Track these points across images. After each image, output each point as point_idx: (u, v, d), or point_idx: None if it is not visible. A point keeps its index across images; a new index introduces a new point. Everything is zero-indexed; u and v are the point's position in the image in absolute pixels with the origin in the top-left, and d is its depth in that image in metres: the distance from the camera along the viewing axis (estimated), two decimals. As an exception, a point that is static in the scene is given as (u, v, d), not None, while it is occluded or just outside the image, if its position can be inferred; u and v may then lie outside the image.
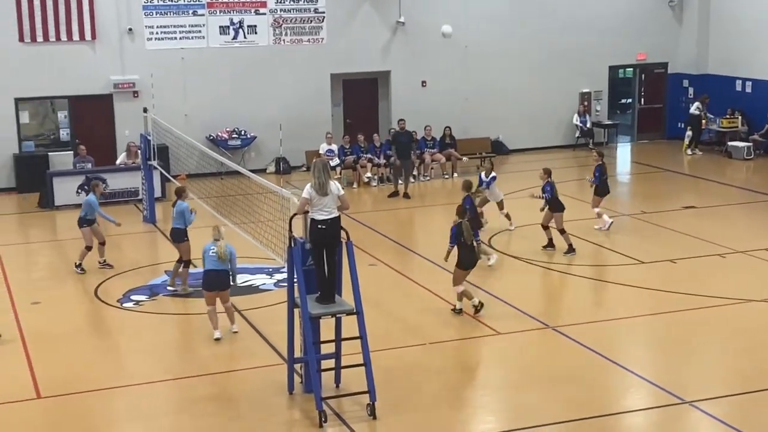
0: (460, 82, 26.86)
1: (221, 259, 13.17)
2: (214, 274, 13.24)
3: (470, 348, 13.23)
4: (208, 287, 13.29)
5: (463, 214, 14.32)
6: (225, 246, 13.27)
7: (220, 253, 13.14)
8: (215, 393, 11.58)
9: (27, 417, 11.07)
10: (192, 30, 24.95)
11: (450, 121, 25.75)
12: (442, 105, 26.46)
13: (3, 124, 23.79)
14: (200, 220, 19.45)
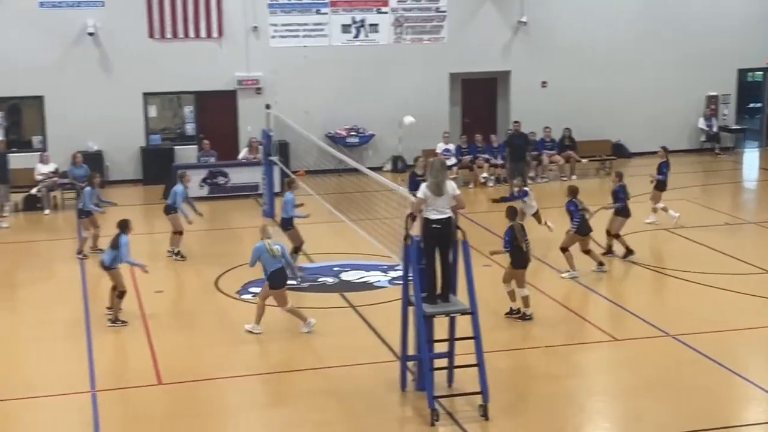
0: (582, 83, 26.47)
1: (275, 256, 13.28)
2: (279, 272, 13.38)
3: (586, 353, 13.03)
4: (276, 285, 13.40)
5: (513, 216, 14.12)
6: (273, 244, 13.33)
7: (274, 251, 13.25)
8: (328, 387, 11.70)
9: (149, 402, 11.42)
10: (315, 28, 25.31)
11: (570, 123, 25.41)
12: (563, 106, 26.11)
13: (132, 117, 24.59)
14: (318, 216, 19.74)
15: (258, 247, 13.39)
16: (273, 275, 13.38)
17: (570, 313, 14.42)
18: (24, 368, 12.61)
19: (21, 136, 24.64)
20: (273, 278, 13.39)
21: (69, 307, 14.93)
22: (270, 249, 13.28)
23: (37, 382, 11.99)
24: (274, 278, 13.39)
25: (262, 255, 13.34)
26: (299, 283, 15.66)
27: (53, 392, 11.60)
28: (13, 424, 10.86)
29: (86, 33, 23.80)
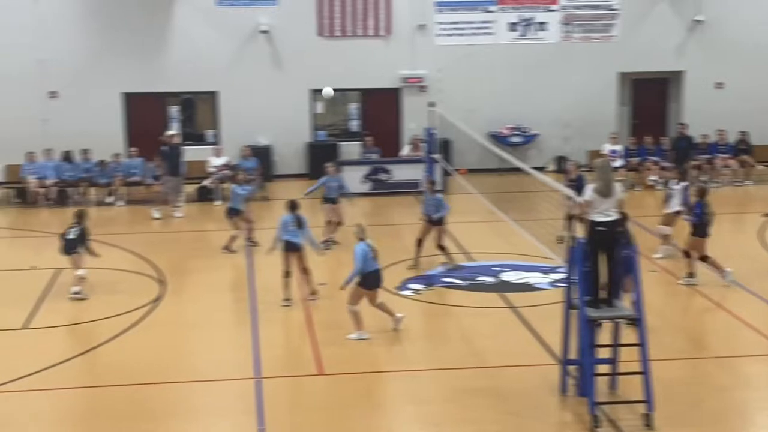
0: (761, 85, 25.29)
1: (376, 257, 13.11)
2: (373, 275, 13.18)
3: (756, 365, 12.45)
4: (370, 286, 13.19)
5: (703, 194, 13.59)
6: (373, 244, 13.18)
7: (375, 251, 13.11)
8: (487, 386, 11.63)
9: (310, 391, 11.66)
10: (482, 26, 25.23)
11: (747, 126, 24.39)
12: (739, 108, 25.03)
13: (299, 113, 25.18)
14: (479, 215, 19.69)
15: (362, 249, 13.13)
16: (370, 276, 13.17)
17: (738, 322, 13.83)
18: (191, 353, 13.09)
19: (195, 129, 25.63)
20: (370, 279, 13.16)
21: (236, 295, 15.43)
22: (373, 249, 13.16)
23: (204, 366, 12.43)
24: (371, 279, 13.17)
25: (364, 255, 13.05)
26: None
27: (218, 377, 11.99)
28: (178, 406, 11.29)
29: (259, 31, 24.53)
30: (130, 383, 11.76)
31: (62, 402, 11.33)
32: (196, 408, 11.22)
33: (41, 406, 11.22)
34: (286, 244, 14.70)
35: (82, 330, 13.71)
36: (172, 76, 24.58)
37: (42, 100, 24.23)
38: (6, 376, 11.82)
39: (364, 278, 13.10)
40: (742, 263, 16.16)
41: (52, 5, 24.07)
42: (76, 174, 22.91)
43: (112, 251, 18.10)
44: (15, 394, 11.47)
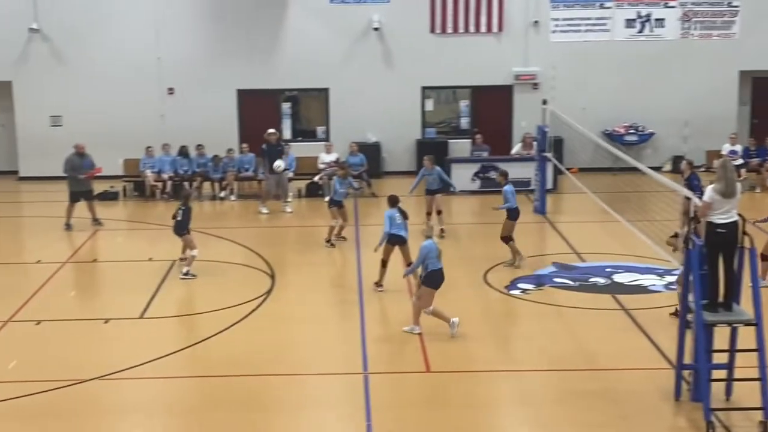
0: None
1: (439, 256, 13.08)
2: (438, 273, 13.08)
3: None
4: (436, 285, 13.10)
5: None
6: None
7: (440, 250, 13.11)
8: (599, 389, 11.41)
9: (416, 388, 11.63)
10: (597, 23, 24.82)
11: None
12: None
13: (410, 110, 25.23)
14: (591, 215, 19.36)
15: (428, 246, 13.12)
16: (435, 274, 13.08)
17: None
18: (300, 346, 13.23)
19: (306, 126, 25.93)
20: (433, 278, 13.07)
21: (344, 290, 15.54)
22: (438, 248, 13.13)
23: (312, 359, 12.54)
24: (434, 278, 13.08)
25: (429, 253, 13.05)
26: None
27: (326, 371, 12.08)
28: (287, 398, 11.41)
29: (371, 28, 24.65)
30: (240, 374, 11.96)
31: (174, 391, 11.59)
32: (305, 400, 11.32)
33: (153, 394, 11.51)
34: (392, 237, 14.99)
35: (195, 320, 14.02)
36: (285, 73, 24.94)
37: (160, 96, 24.92)
38: (122, 364, 12.16)
39: (428, 276, 13.07)
40: None
41: (171, 6, 24.71)
42: (191, 168, 23.45)
43: (225, 244, 18.48)
44: (129, 381, 11.79)
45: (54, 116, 25.03)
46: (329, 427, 10.75)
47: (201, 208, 22.48)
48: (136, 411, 11.05)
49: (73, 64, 24.80)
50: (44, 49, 24.77)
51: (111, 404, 11.18)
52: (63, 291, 15.61)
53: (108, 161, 24.31)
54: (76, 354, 12.72)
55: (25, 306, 14.69)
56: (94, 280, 16.31)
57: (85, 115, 24.84)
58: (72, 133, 24.80)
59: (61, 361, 12.42)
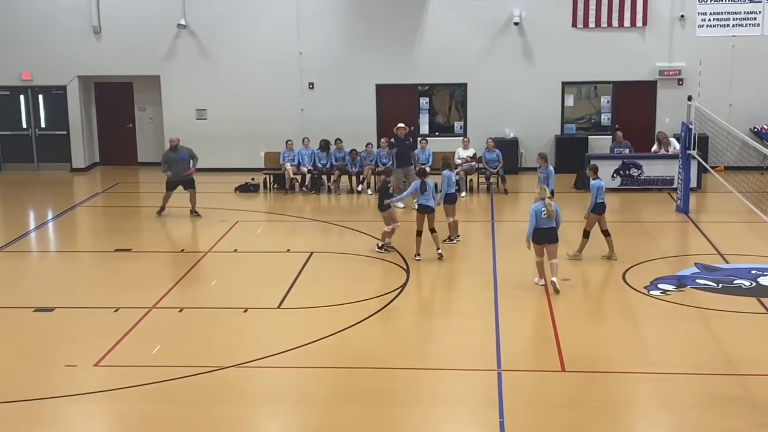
0: None
1: (550, 217, 14.75)
2: (542, 231, 14.80)
3: None
4: (538, 242, 14.88)
5: None
6: (552, 206, 14.83)
7: (549, 212, 14.74)
8: (740, 394, 11.02)
9: (550, 387, 11.48)
10: (746, 17, 23.91)
11: None
12: None
13: (549, 106, 24.91)
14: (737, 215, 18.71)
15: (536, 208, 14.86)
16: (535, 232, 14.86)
17: None
18: (434, 340, 13.25)
19: (444, 121, 25.93)
20: (540, 235, 14.87)
21: (478, 285, 15.46)
22: (547, 209, 14.80)
23: (446, 355, 12.54)
24: (541, 235, 14.87)
25: (537, 214, 14.81)
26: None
27: (461, 366, 12.06)
28: (420, 392, 11.43)
29: (512, 22, 24.45)
30: (373, 366, 12.07)
31: (308, 381, 11.77)
32: (438, 395, 11.33)
33: (288, 383, 11.72)
34: (420, 207, 16.80)
35: (331, 312, 14.20)
36: (423, 67, 25.01)
37: (300, 91, 25.38)
38: (260, 353, 12.45)
39: (536, 234, 14.87)
40: None
41: (313, 1, 25.10)
42: (329, 162, 23.79)
43: (361, 238, 18.67)
44: (265, 370, 12.05)
45: (199, 110, 25.82)
46: (461, 423, 10.72)
47: (338, 201, 22.80)
48: (271, 399, 11.30)
49: (217, 59, 25.53)
50: (191, 44, 25.57)
51: (248, 391, 11.45)
52: (205, 280, 16.10)
53: (250, 154, 25.03)
54: (216, 341, 13.10)
55: (168, 293, 15.22)
56: (234, 270, 16.74)
57: (228, 108, 25.55)
58: (216, 126, 25.65)
59: (201, 348, 12.81)
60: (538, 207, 14.86)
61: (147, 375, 11.74)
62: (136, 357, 12.46)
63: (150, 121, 26.86)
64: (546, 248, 14.95)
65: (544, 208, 14.80)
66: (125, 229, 20.10)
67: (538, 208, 14.84)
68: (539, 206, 14.86)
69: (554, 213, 14.88)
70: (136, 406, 11.07)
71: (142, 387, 11.45)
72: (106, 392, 11.36)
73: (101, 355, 12.47)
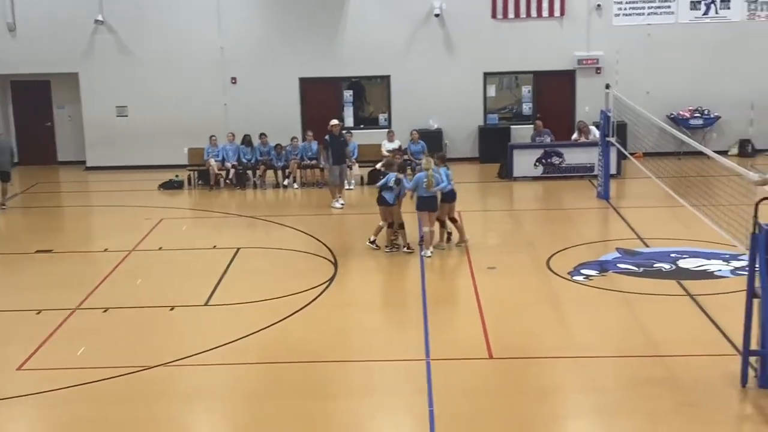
0: None
1: (429, 187, 15.99)
2: (424, 199, 16.08)
3: None
4: (421, 208, 16.18)
5: None
6: (434, 177, 16.02)
7: (429, 182, 15.94)
8: (663, 376, 11.28)
9: (479, 374, 11.62)
10: (661, 5, 24.43)
11: None
12: None
13: (472, 97, 25.13)
14: (656, 200, 19.12)
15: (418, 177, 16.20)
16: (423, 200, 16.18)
17: None
18: (363, 332, 13.29)
19: (367, 113, 25.98)
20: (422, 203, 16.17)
21: (405, 276, 15.57)
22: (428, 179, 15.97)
23: (376, 346, 12.60)
24: (423, 203, 16.15)
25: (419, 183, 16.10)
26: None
27: (390, 357, 12.13)
28: (350, 385, 11.48)
29: (433, 14, 24.59)
30: (304, 360, 12.06)
31: (238, 377, 11.73)
32: (367, 387, 11.38)
33: (217, 381, 11.66)
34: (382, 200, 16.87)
35: (259, 307, 14.16)
36: (346, 60, 25.02)
37: (223, 86, 25.18)
38: (187, 351, 12.35)
39: (419, 202, 16.20)
40: None
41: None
42: (254, 157, 23.66)
43: (288, 232, 18.63)
44: (194, 368, 11.97)
45: (120, 107, 25.44)
46: (391, 413, 10.79)
47: (264, 196, 22.70)
48: (200, 397, 11.23)
49: (137, 55, 25.18)
50: (109, 40, 25.18)
51: (176, 390, 11.36)
52: (130, 279, 15.90)
53: (173, 150, 24.75)
54: (142, 341, 12.96)
55: (92, 294, 15.00)
56: (159, 268, 16.57)
57: (149, 105, 25.23)
58: (137, 123, 25.31)
59: (127, 348, 12.66)
60: (420, 176, 16.21)
61: (73, 377, 11.57)
62: (61, 359, 12.26)
63: (69, 119, 26.39)
64: (429, 216, 16.21)
65: (426, 179, 15.99)
66: (46, 229, 19.74)
67: (419, 177, 16.20)
68: (422, 176, 16.15)
69: (435, 183, 16.03)
70: (63, 408, 10.90)
71: (67, 389, 11.28)
72: (31, 396, 11.16)
73: (24, 358, 12.25)
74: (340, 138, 21.33)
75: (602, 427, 10.31)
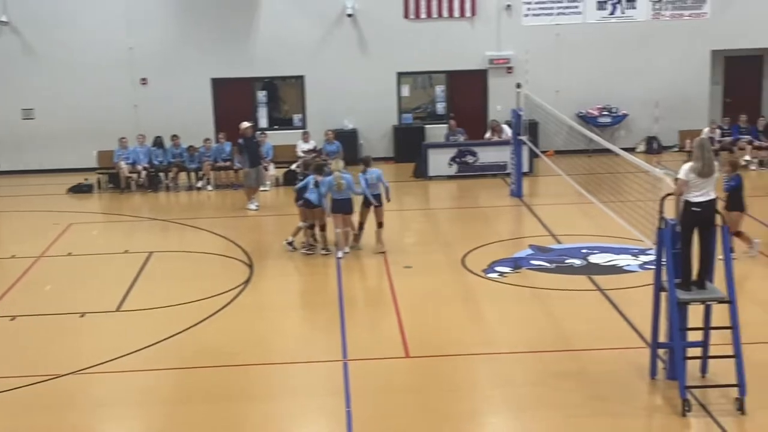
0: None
1: (340, 189, 16.04)
2: (336, 202, 16.21)
3: None
4: (334, 211, 16.25)
5: None
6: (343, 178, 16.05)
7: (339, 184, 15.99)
8: (574, 369, 11.49)
9: (395, 373, 11.66)
10: (569, 5, 24.86)
11: None
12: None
13: (386, 96, 25.20)
14: (567, 197, 19.45)
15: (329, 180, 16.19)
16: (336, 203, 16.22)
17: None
18: (280, 335, 13.23)
19: (282, 114, 25.86)
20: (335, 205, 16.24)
21: (323, 278, 15.55)
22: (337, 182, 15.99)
23: (292, 348, 12.55)
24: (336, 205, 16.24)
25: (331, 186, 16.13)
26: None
27: (306, 359, 12.09)
28: (267, 387, 11.42)
29: (345, 14, 24.59)
30: (220, 365, 11.95)
31: (152, 383, 11.55)
32: (285, 389, 11.33)
33: (131, 387, 11.46)
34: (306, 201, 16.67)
35: (173, 312, 13.97)
36: (260, 60, 24.85)
37: (133, 87, 24.78)
38: (99, 358, 12.12)
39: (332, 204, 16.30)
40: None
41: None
42: (166, 159, 23.35)
43: (202, 235, 18.44)
44: (106, 375, 11.75)
45: (26, 109, 24.84)
46: (308, 415, 10.77)
47: (178, 198, 22.41)
48: (113, 405, 11.03)
49: (44, 57, 24.61)
50: (14, 41, 24.56)
51: (88, 398, 11.15)
52: (38, 285, 15.53)
53: (82, 153, 24.25)
54: (52, 349, 12.67)
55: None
56: (69, 274, 16.22)
57: (56, 107, 24.68)
58: (44, 125, 24.73)
59: (37, 357, 12.37)
60: (329, 179, 16.26)
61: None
62: (-33, 370, 11.92)
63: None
64: (343, 218, 16.28)
65: (335, 181, 16.08)
66: (-50, 236, 19.18)
67: (329, 181, 16.24)
68: (331, 179, 16.21)
69: (345, 185, 16.08)
70: (-31, 421, 10.60)
71: (-26, 401, 10.98)
72: (-64, 409, 10.83)
73: (-71, 370, 11.88)
74: (253, 140, 21.16)
75: (515, 422, 10.46)
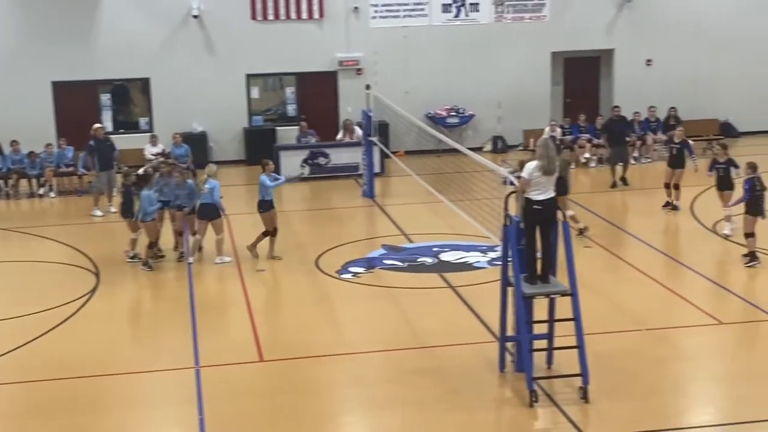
0: (688, 61, 25.84)
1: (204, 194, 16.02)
2: (201, 206, 16.09)
3: (690, 336, 12.70)
4: (199, 217, 16.12)
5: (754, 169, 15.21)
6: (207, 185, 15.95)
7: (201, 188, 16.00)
8: (428, 366, 11.71)
9: (250, 378, 11.60)
10: (415, 8, 25.23)
11: (676, 102, 24.81)
12: (668, 85, 25.58)
13: (235, 98, 24.95)
14: (417, 197, 19.76)
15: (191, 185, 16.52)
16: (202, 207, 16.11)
17: (674, 295, 14.11)
18: (129, 344, 12.98)
19: (128, 117, 25.26)
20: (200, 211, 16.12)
21: (173, 284, 15.30)
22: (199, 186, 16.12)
23: (142, 357, 12.32)
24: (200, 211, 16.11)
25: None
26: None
27: (157, 367, 11.89)
28: (117, 398, 11.17)
29: (191, 15, 24.22)
30: (66, 377, 11.61)
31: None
32: (135, 399, 11.11)
33: (-24, 403, 11.02)
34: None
35: (16, 323, 13.47)
36: (103, 62, 24.17)
37: (-31, 91, 23.70)
38: (-62, 374, 11.59)
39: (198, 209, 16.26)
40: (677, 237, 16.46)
41: (-24, -7, 23.52)
42: (6, 166, 22.44)
43: (46, 243, 17.84)
44: (-52, 392, 11.25)
45: None
46: (161, 424, 10.60)
47: (18, 206, 21.60)
48: (-45, 422, 10.57)
49: None
50: None
51: (-73, 417, 10.63)
52: None
53: None
54: None
55: None
56: None
57: None
58: None
59: None
60: (192, 183, 16.57)
61: None
62: None
63: None
64: (206, 224, 16.15)
65: (197, 185, 16.27)
66: None
67: (192, 185, 16.51)
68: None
69: (209, 191, 15.92)
70: None
71: None
72: None
73: None
74: (105, 142, 20.58)
75: (371, 421, 10.58)
